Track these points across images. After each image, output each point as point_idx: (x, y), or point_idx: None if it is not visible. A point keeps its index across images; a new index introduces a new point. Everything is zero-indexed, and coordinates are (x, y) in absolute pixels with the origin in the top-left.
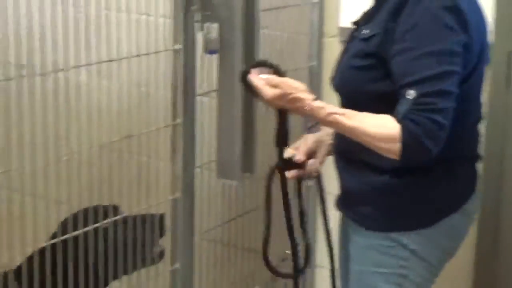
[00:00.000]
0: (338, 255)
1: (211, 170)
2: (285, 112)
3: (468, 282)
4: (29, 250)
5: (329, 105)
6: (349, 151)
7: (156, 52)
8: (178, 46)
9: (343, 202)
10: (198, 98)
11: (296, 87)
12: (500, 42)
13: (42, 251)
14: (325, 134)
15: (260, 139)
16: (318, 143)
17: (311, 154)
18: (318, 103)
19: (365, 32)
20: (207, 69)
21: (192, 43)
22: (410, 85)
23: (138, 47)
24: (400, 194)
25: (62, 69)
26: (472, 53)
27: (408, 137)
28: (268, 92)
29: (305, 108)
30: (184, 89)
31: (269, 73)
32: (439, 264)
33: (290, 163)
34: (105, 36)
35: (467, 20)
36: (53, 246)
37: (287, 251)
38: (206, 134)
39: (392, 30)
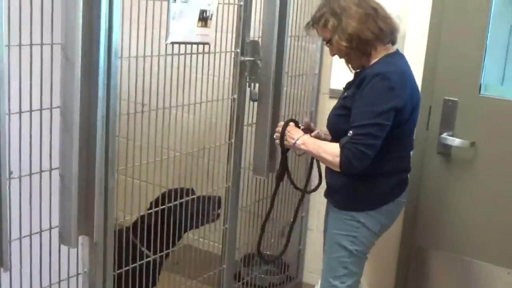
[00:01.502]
0: (323, 223)
1: (250, 170)
2: (287, 149)
3: (397, 243)
4: (137, 214)
5: (306, 139)
6: None
7: (222, 99)
8: (235, 96)
9: (327, 192)
10: (245, 127)
11: (293, 135)
12: (424, 100)
13: (149, 214)
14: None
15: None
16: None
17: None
18: (299, 142)
19: (345, 94)
20: (251, 110)
21: (243, 94)
22: (352, 127)
23: (212, 95)
24: (356, 190)
25: (167, 107)
26: (404, 112)
27: (343, 157)
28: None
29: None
30: (236, 121)
31: (294, 124)
32: (379, 232)
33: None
34: (193, 88)
35: (400, 94)
36: (156, 211)
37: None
38: (248, 149)
39: (356, 94)
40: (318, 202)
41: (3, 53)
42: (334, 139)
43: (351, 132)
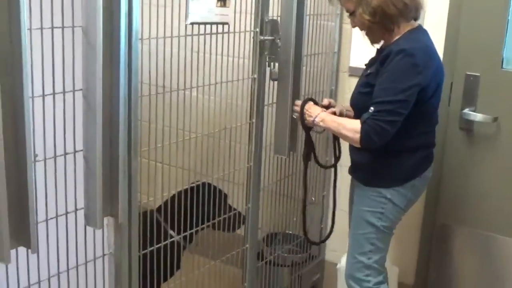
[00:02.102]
0: (348, 200)
1: (271, 149)
2: (309, 128)
3: (420, 219)
4: (162, 197)
5: (324, 116)
6: None
7: (242, 79)
8: (255, 76)
9: (352, 169)
10: (265, 107)
11: (311, 113)
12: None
13: (172, 198)
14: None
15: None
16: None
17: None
18: (317, 119)
19: (368, 71)
20: (271, 90)
21: (263, 74)
22: (373, 103)
23: (232, 75)
24: (382, 166)
25: (188, 88)
26: (428, 88)
27: (363, 133)
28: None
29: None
30: (257, 101)
31: (313, 102)
32: (405, 207)
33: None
34: (213, 69)
35: (424, 70)
36: (179, 196)
37: (313, 198)
38: (269, 128)
39: (379, 71)
40: (339, 180)
41: (25, 37)
42: (357, 116)
43: (372, 108)
